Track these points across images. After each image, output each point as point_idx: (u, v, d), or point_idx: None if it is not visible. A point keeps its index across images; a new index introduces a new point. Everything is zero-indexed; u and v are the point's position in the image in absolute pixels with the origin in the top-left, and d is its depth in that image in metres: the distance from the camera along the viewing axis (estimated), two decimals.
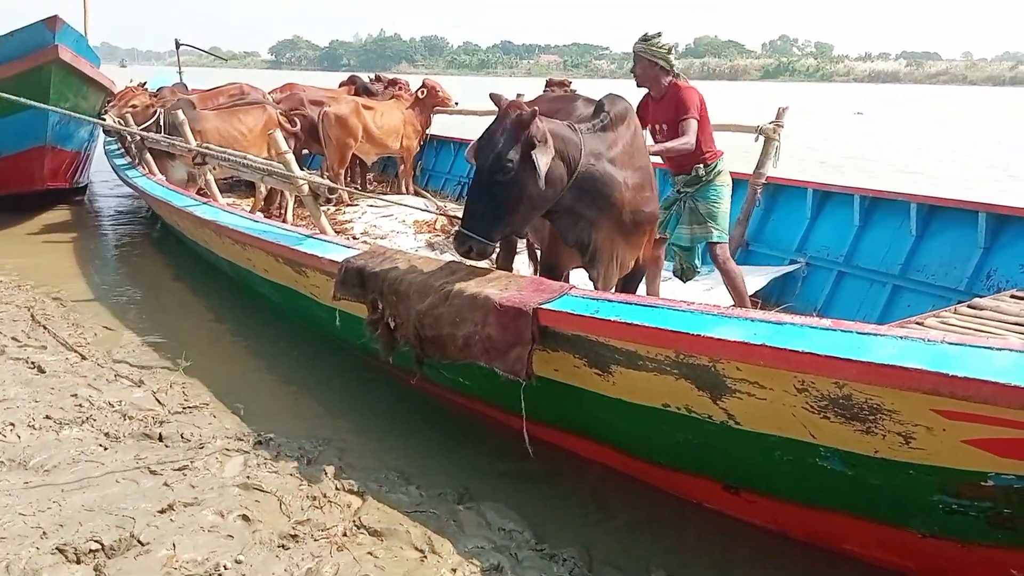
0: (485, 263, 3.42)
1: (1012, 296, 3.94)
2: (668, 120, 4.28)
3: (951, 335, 2.06)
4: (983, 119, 32.91)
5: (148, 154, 7.16)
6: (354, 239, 6.53)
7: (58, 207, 9.23)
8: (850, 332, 2.14)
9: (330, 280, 3.56)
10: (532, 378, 2.71)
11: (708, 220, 4.46)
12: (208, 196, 6.03)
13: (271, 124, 7.73)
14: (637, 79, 4.36)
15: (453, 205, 8.99)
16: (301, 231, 4.29)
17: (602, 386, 2.79)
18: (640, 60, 4.30)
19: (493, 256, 3.72)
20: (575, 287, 2.90)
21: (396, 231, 7.25)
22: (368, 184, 10.03)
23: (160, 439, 3.38)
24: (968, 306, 3.78)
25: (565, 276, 3.63)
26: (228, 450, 3.29)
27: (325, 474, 3.08)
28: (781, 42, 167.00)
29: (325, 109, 8.50)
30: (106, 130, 8.95)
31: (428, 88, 9.37)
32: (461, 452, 3.37)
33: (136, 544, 2.59)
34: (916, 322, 3.56)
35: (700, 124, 4.27)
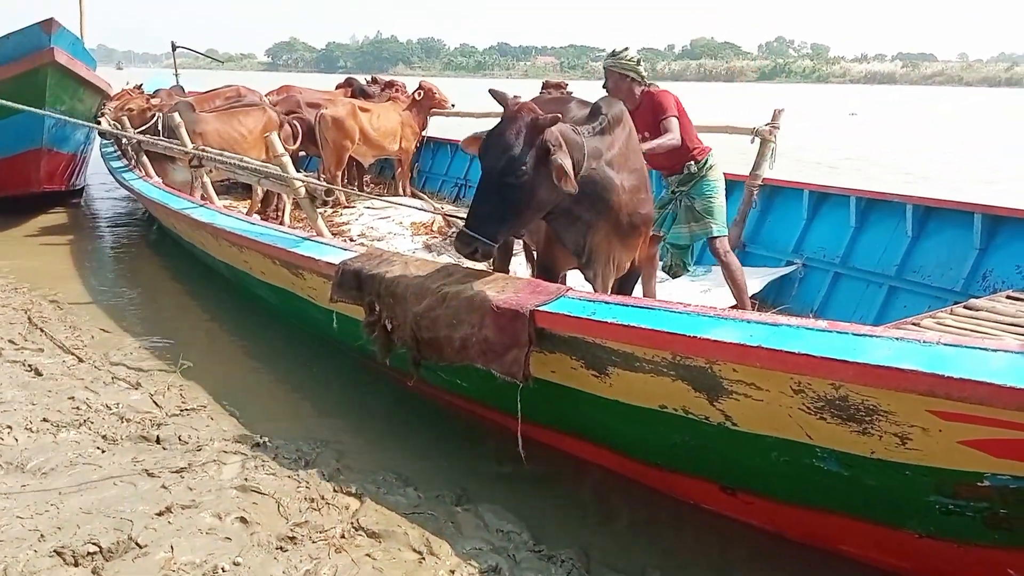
0: (482, 265, 3.42)
1: (1008, 297, 3.95)
2: (648, 126, 4.32)
3: (947, 336, 2.07)
4: (979, 120, 32.97)
5: (145, 156, 7.15)
6: (351, 241, 6.54)
7: (54, 210, 9.21)
8: (846, 333, 2.15)
9: (327, 282, 3.56)
10: (529, 380, 2.71)
11: (706, 216, 4.51)
12: (205, 198, 6.03)
13: (270, 126, 7.73)
14: (610, 94, 4.39)
15: (450, 207, 9.00)
16: (298, 233, 4.29)
17: (599, 388, 2.79)
18: (611, 75, 4.37)
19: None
20: (572, 289, 2.91)
21: (393, 233, 7.25)
22: (365, 186, 10.03)
23: (158, 441, 3.38)
24: (964, 307, 3.80)
25: (562, 278, 3.63)
26: (226, 452, 3.29)
27: (323, 476, 3.09)
28: (777, 44, 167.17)
29: (322, 111, 8.49)
30: (103, 133, 8.96)
31: (425, 90, 9.39)
32: (459, 454, 3.37)
33: (134, 546, 2.60)
34: (912, 323, 3.58)
35: (681, 122, 4.35)
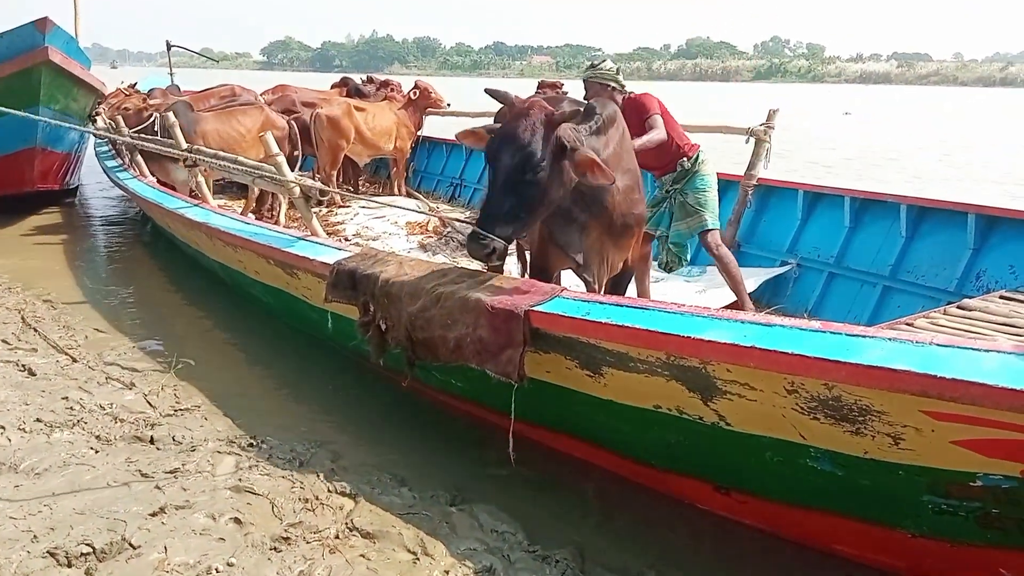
0: (477, 264, 3.42)
1: (1001, 297, 3.97)
2: (634, 128, 4.33)
3: (940, 336, 2.07)
4: (974, 120, 33.04)
5: (139, 156, 7.13)
6: (346, 241, 6.53)
7: (48, 209, 9.18)
8: (839, 334, 2.15)
9: (322, 282, 3.56)
10: (524, 380, 2.71)
11: (700, 209, 4.58)
12: (199, 197, 6.01)
13: (268, 125, 7.72)
14: None
15: (445, 206, 9.00)
16: (293, 233, 4.29)
17: (594, 388, 2.79)
18: (592, 86, 4.39)
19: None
20: (566, 289, 2.91)
21: (388, 232, 7.24)
22: (360, 186, 10.02)
23: (151, 442, 3.37)
24: (958, 307, 3.82)
25: (556, 277, 3.63)
26: (220, 453, 3.28)
27: (317, 476, 3.08)
28: (773, 43, 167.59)
29: (317, 111, 8.48)
30: (97, 134, 8.93)
31: (420, 89, 9.40)
32: (453, 454, 3.37)
33: (127, 547, 2.59)
34: (906, 323, 3.59)
35: (668, 121, 4.41)
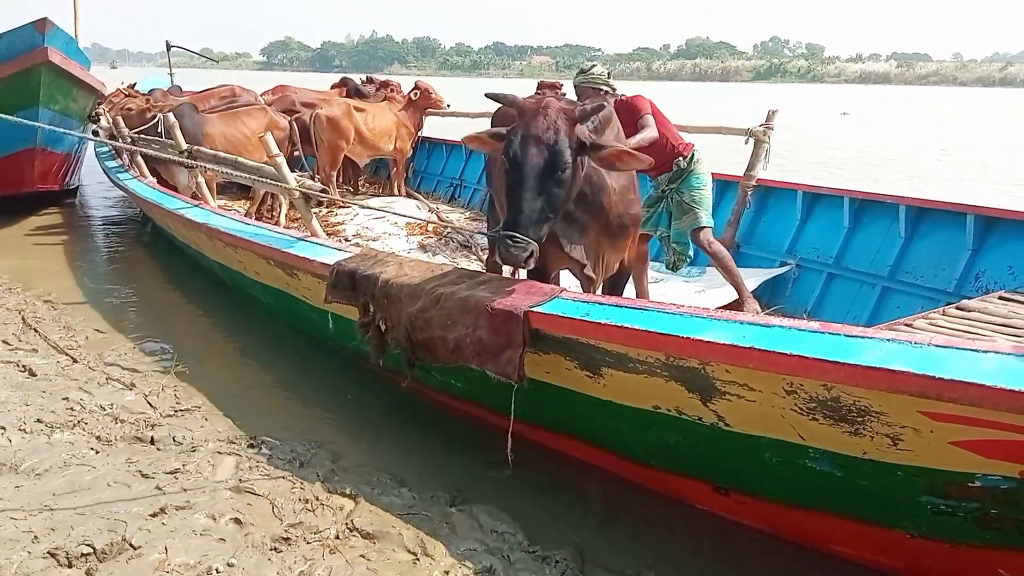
0: (477, 265, 3.43)
1: (1000, 298, 3.98)
2: (626, 131, 4.34)
3: (938, 337, 2.08)
4: (973, 120, 33.03)
5: (139, 157, 7.13)
6: (346, 241, 6.53)
7: (49, 210, 9.18)
8: (838, 335, 2.16)
9: (322, 283, 3.56)
10: (524, 381, 2.72)
11: (695, 207, 4.63)
12: (199, 198, 6.02)
13: (272, 127, 7.73)
14: None
15: (445, 207, 9.00)
16: (293, 234, 4.29)
17: (593, 388, 2.80)
18: (584, 91, 4.38)
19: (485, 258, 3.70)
20: (565, 290, 2.92)
21: (388, 233, 7.24)
22: (360, 186, 10.02)
23: (152, 442, 3.38)
24: (957, 308, 3.82)
25: (554, 278, 3.64)
26: (220, 453, 3.29)
27: (317, 477, 3.09)
28: (772, 43, 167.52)
29: (316, 111, 8.49)
30: (95, 133, 8.93)
31: (421, 90, 9.39)
32: (453, 454, 3.38)
33: (128, 548, 2.59)
34: (905, 324, 3.60)
35: (661, 121, 4.42)
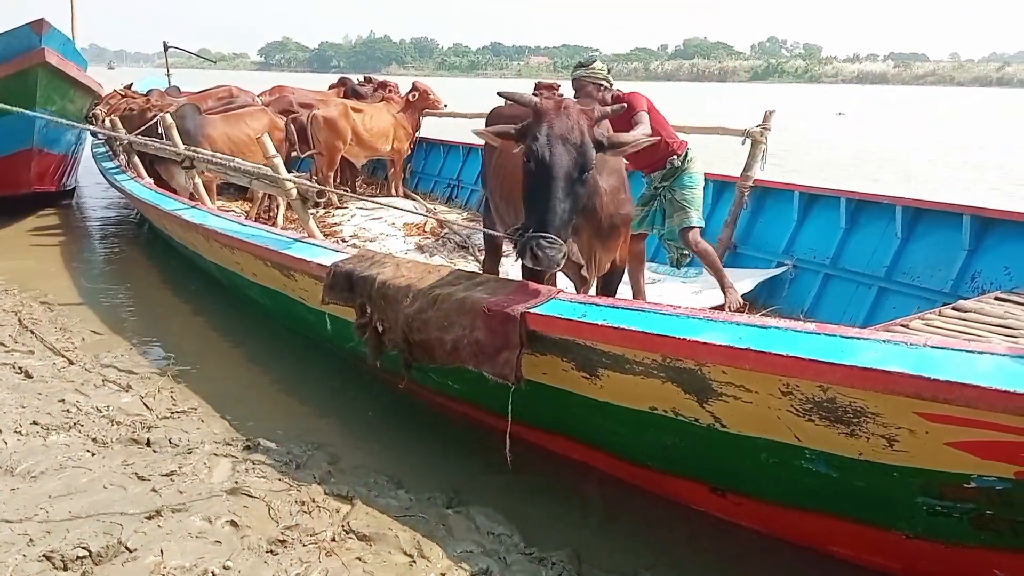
0: (474, 266, 3.42)
1: (996, 298, 3.98)
2: (621, 128, 4.34)
3: (934, 338, 2.08)
4: (970, 120, 33.06)
5: (136, 158, 7.12)
6: (343, 242, 6.53)
7: (45, 211, 9.17)
8: (834, 336, 2.16)
9: (319, 284, 3.56)
10: (521, 382, 2.72)
11: (686, 206, 4.66)
12: (196, 199, 6.01)
13: (272, 128, 7.72)
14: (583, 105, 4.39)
15: (443, 207, 9.00)
16: (290, 235, 4.29)
17: (590, 389, 2.80)
18: (583, 86, 4.35)
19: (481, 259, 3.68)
20: (562, 291, 2.92)
21: (385, 234, 7.24)
22: (358, 187, 10.01)
23: (148, 444, 3.37)
24: (953, 308, 3.82)
25: (549, 278, 3.64)
26: (216, 455, 3.29)
27: (314, 479, 3.09)
28: (770, 43, 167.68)
29: (314, 112, 8.48)
30: (94, 132, 8.93)
31: (420, 91, 9.37)
32: (450, 456, 3.37)
33: (124, 550, 2.59)
34: (901, 324, 3.60)
35: (657, 119, 4.41)
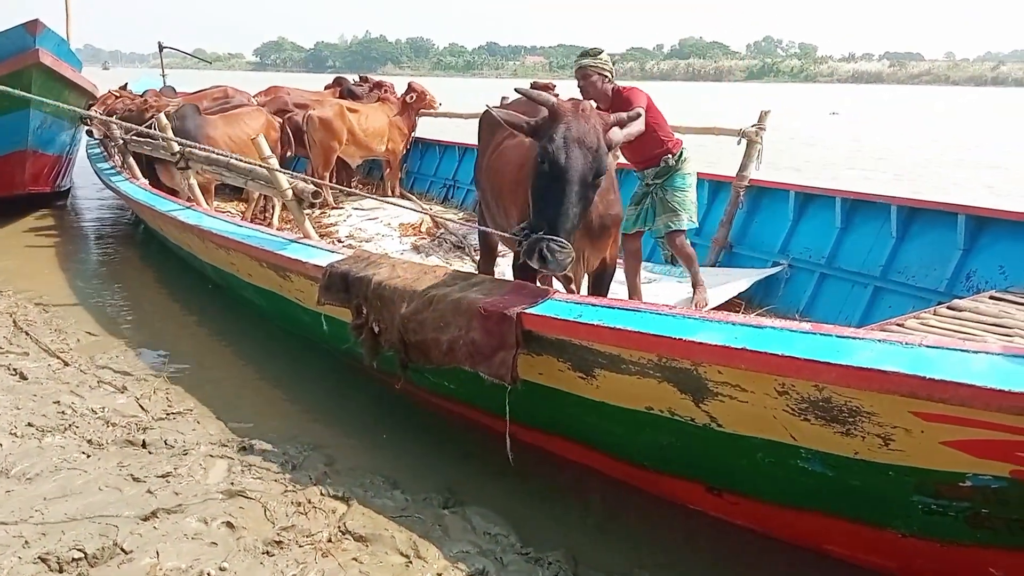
0: (470, 267, 3.42)
1: (991, 297, 3.99)
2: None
3: (929, 338, 2.08)
4: (965, 119, 33.13)
5: (131, 158, 7.11)
6: (339, 243, 6.52)
7: (40, 212, 9.15)
8: (830, 336, 2.16)
9: (314, 285, 3.55)
10: (517, 382, 2.72)
11: (677, 209, 4.64)
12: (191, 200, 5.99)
13: (270, 128, 7.70)
14: (586, 94, 4.38)
15: (439, 208, 8.99)
16: (285, 235, 4.28)
17: (586, 389, 2.80)
18: (591, 74, 4.36)
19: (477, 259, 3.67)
20: (558, 291, 2.92)
21: (381, 234, 7.24)
22: (353, 187, 9.98)
23: (143, 446, 3.37)
24: (948, 308, 3.83)
25: (541, 278, 3.65)
26: (212, 456, 3.28)
27: (310, 479, 3.08)
28: (765, 43, 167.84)
29: (309, 112, 8.47)
30: (89, 132, 8.90)
31: (417, 93, 9.34)
32: (446, 456, 3.37)
33: (119, 552, 2.58)
34: (897, 323, 3.60)
35: (654, 115, 4.38)
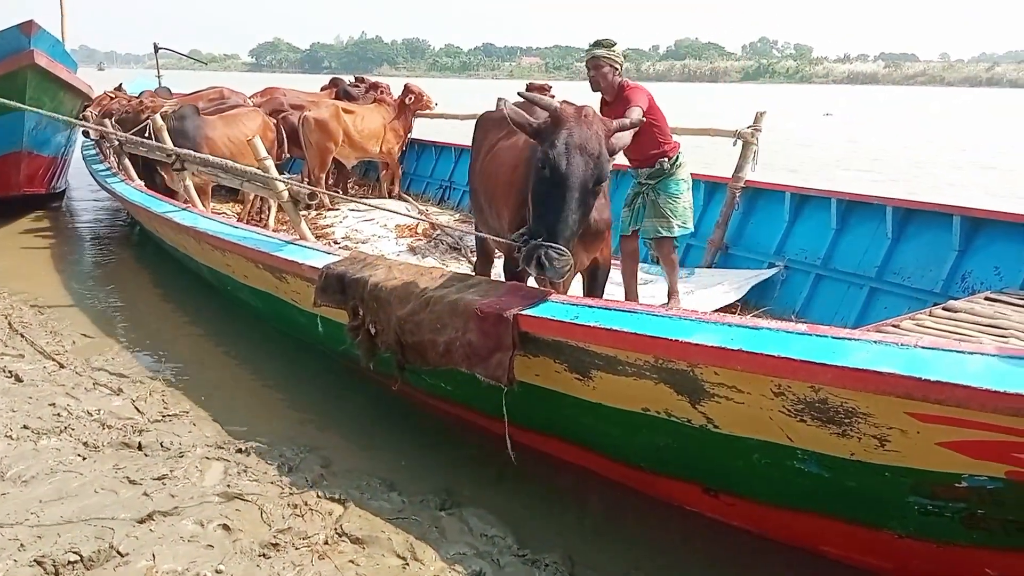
0: (466, 268, 3.42)
1: (986, 298, 4.00)
2: (616, 116, 4.33)
3: (925, 339, 2.09)
4: (960, 120, 33.21)
5: (127, 160, 7.09)
6: (335, 244, 6.51)
7: (35, 213, 9.12)
8: (825, 337, 2.17)
9: (311, 286, 3.55)
10: (514, 383, 2.72)
11: (668, 216, 4.58)
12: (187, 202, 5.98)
13: (266, 129, 7.68)
14: (595, 84, 4.35)
15: (435, 209, 8.98)
16: (281, 237, 4.28)
17: (583, 391, 2.80)
18: (603, 65, 4.30)
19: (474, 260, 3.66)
20: (554, 292, 2.92)
21: (377, 235, 7.23)
22: (349, 188, 9.98)
23: (139, 448, 3.36)
24: (943, 308, 3.84)
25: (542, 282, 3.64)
26: (208, 458, 3.28)
27: (306, 482, 3.08)
28: (761, 44, 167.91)
29: (305, 113, 8.46)
30: (85, 134, 8.89)
31: (415, 94, 9.31)
32: (443, 458, 3.37)
33: (115, 555, 2.58)
34: (892, 325, 3.61)
35: (655, 115, 4.36)
